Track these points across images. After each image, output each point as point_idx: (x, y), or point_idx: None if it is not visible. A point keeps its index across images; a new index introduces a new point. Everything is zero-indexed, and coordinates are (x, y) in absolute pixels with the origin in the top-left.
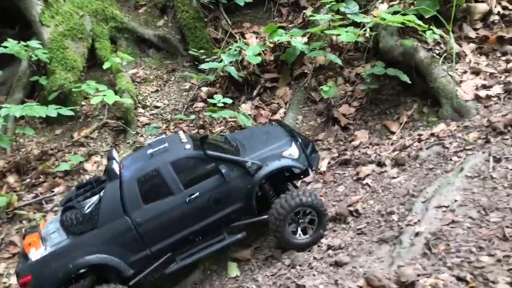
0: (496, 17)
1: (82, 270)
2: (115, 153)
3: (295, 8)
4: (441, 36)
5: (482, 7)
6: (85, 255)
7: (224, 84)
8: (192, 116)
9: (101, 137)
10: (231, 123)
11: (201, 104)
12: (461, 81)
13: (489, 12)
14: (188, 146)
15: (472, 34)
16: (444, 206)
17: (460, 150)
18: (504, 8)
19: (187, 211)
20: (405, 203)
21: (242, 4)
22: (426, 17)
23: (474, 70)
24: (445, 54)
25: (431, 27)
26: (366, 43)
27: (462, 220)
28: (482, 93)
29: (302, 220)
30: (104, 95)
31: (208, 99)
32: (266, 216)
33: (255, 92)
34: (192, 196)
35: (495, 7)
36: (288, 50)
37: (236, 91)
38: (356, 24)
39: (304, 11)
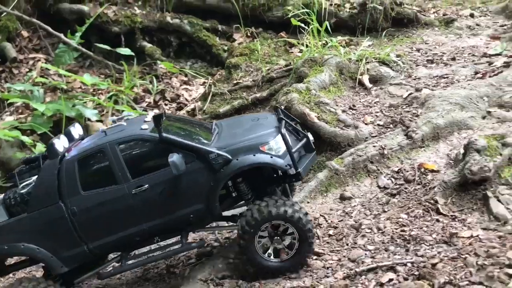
0: None
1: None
2: (77, 128)
3: None
4: None
5: (97, 125)
6: (9, 242)
7: None
8: None
9: None
10: None
11: None
12: None
13: None
14: (145, 126)
15: None
16: None
17: None
18: None
19: (133, 206)
20: None
21: None
22: (39, 132)
23: None
24: None
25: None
26: None
27: None
28: None
29: (279, 238)
30: None
31: None
32: (236, 225)
33: None
34: (140, 188)
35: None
36: None
37: None
38: None
39: None
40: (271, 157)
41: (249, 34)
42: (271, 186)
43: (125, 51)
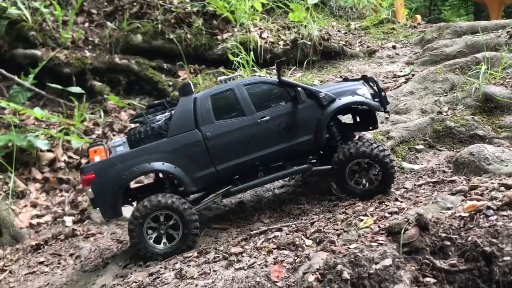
0: (62, 164)
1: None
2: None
3: None
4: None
5: (49, 155)
6: (151, 161)
7: None
8: None
9: None
10: None
11: None
12: (20, 213)
13: (55, 159)
14: (262, 75)
15: (39, 176)
16: None
17: None
18: (70, 157)
19: (257, 133)
20: None
21: None
22: None
23: (33, 204)
24: (8, 192)
25: None
26: None
27: None
28: (35, 221)
29: (364, 173)
30: None
31: None
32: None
33: None
34: (263, 119)
35: (62, 155)
36: None
37: None
38: None
39: None
40: (366, 98)
41: (192, 71)
42: (351, 132)
43: (75, 89)
